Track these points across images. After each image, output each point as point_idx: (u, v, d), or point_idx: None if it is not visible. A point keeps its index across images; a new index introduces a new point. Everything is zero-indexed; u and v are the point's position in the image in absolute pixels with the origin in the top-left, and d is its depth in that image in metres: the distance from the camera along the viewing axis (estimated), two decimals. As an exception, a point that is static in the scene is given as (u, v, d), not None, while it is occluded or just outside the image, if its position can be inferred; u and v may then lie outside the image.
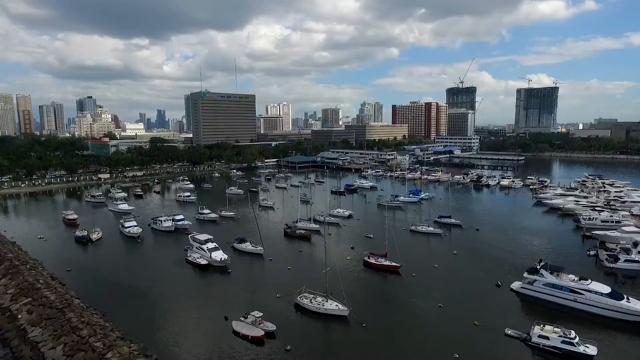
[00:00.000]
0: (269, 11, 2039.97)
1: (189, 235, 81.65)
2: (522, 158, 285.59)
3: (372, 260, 71.91)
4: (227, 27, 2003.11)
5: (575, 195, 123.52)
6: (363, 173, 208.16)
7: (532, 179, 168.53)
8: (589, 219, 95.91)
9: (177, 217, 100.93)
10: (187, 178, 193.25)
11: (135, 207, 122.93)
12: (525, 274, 59.25)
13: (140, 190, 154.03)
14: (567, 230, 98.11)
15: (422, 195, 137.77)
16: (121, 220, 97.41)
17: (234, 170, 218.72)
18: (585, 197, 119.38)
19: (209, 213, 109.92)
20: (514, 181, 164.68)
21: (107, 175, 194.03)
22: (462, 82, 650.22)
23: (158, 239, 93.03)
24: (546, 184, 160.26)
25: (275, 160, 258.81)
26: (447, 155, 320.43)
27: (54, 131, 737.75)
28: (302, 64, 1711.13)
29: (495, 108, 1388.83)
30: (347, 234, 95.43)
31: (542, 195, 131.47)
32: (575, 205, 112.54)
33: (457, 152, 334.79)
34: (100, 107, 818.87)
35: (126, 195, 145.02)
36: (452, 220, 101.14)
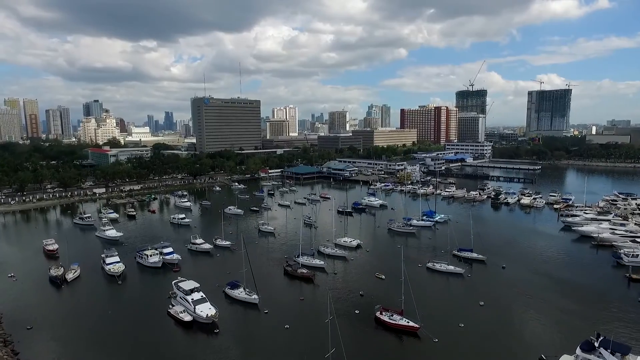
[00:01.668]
0: (277, 12, 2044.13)
1: (173, 282, 70.92)
2: (538, 167, 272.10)
3: (385, 318, 60.68)
4: (235, 29, 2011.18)
5: (609, 221, 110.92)
6: (371, 187, 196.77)
7: (555, 195, 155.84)
8: (632, 255, 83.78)
9: (166, 250, 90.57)
10: (185, 193, 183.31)
11: (124, 233, 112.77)
12: (579, 351, 47.63)
13: (133, 210, 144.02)
14: (606, 267, 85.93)
15: (437, 217, 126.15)
16: (102, 255, 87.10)
17: (236, 183, 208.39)
18: (622, 224, 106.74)
19: (202, 243, 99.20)
20: (535, 199, 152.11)
21: (103, 190, 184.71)
22: (472, 85, 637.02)
23: (142, 278, 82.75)
24: (570, 202, 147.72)
25: (279, 170, 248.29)
26: (459, 163, 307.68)
27: (61, 135, 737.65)
28: (310, 65, 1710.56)
29: (504, 108, 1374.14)
30: (355, 272, 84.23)
31: (570, 219, 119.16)
32: (612, 235, 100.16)
33: (469, 160, 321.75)
34: (106, 111, 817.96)
35: (117, 216, 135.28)
36: (474, 255, 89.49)
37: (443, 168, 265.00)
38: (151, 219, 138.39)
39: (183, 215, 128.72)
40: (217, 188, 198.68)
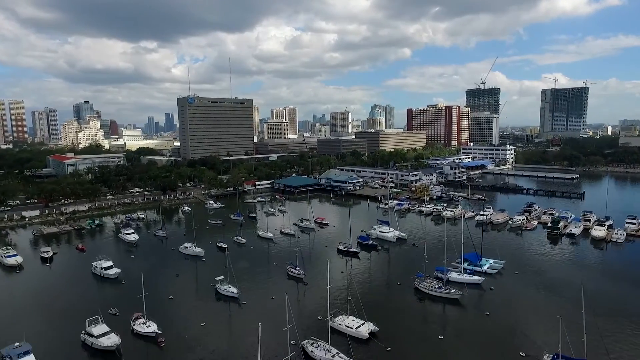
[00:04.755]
0: (279, 12, 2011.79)
1: None
2: (575, 176, 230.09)
3: None
4: (237, 29, 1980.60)
5: None
6: (381, 205, 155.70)
7: (634, 222, 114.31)
8: None
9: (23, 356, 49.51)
10: (142, 216, 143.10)
11: (5, 297, 72.34)
12: None
13: (49, 249, 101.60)
14: None
15: (486, 266, 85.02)
16: None
17: (211, 201, 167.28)
18: None
19: (103, 334, 57.02)
20: (611, 229, 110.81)
21: (37, 213, 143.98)
22: (484, 83, 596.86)
23: None
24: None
25: (269, 182, 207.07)
26: (479, 171, 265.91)
27: (47, 138, 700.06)
28: (312, 65, 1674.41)
29: (509, 108, 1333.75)
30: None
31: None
32: None
33: (491, 167, 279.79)
34: (97, 112, 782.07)
35: (20, 260, 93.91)
36: (591, 373, 48.23)
37: (464, 177, 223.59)
38: (73, 264, 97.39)
39: (110, 263, 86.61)
40: (187, 208, 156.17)
